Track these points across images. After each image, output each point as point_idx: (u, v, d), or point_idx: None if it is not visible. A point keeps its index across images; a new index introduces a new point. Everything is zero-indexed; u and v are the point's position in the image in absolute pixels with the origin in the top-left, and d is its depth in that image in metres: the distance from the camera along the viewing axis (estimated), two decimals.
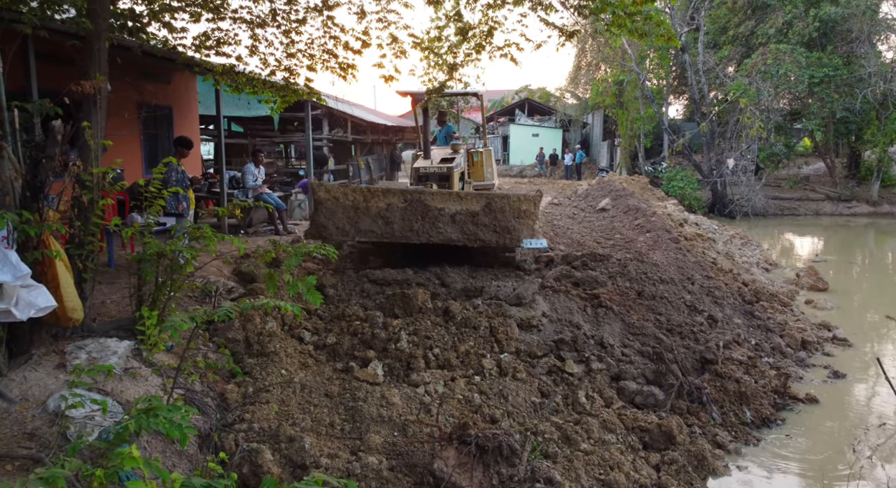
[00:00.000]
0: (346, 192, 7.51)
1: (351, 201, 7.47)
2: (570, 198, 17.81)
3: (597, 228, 12.26)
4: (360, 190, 7.65)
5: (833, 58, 23.41)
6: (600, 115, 34.41)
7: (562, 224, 12.83)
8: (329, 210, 7.40)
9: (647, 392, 5.35)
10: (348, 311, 6.27)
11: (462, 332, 5.74)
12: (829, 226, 22.47)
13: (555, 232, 11.73)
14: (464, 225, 7.50)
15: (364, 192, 7.55)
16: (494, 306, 6.19)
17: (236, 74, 8.04)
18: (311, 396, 4.88)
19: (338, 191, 7.47)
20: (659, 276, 7.52)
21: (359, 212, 7.46)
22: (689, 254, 9.66)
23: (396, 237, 7.55)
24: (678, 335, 6.42)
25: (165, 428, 2.50)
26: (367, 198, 7.46)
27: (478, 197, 7.75)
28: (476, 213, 7.51)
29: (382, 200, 7.45)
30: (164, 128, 13.11)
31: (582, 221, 13.42)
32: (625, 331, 6.25)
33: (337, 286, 7.43)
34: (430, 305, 6.10)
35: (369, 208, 7.47)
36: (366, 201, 7.46)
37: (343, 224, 7.45)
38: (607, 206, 14.52)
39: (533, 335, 5.92)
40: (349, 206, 7.49)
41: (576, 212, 14.90)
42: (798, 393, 6.13)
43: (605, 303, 6.50)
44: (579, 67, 35.56)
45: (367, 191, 7.60)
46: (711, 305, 7.45)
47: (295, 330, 6.14)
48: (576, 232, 11.77)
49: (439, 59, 8.59)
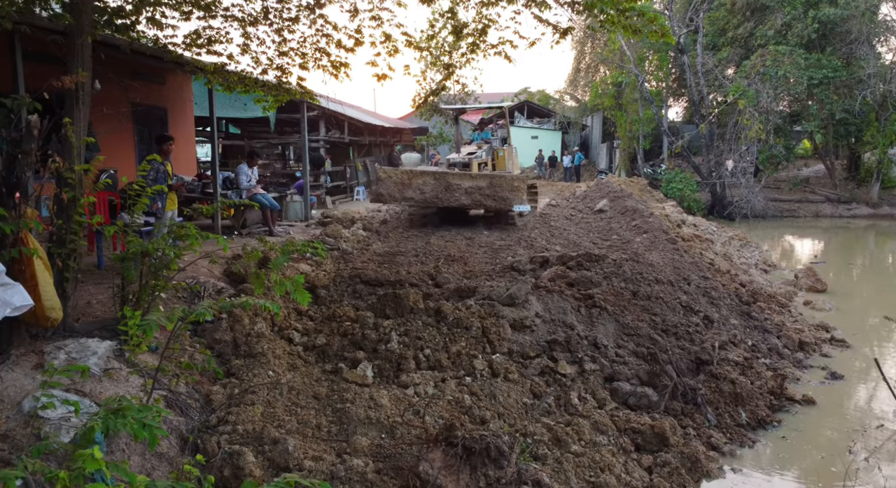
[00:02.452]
0: (397, 172, 12.02)
1: (399, 178, 11.69)
2: (569, 200, 17.74)
3: (594, 229, 12.17)
4: (406, 171, 12.14)
5: (832, 59, 23.34)
6: (599, 117, 34.38)
7: (559, 225, 12.75)
8: (385, 184, 11.63)
9: (640, 393, 5.25)
10: (339, 312, 6.19)
11: (454, 333, 5.66)
12: (829, 227, 22.38)
13: (551, 233, 11.66)
14: (473, 195, 11.52)
15: (408, 173, 11.95)
16: (487, 306, 6.10)
17: (227, 73, 7.97)
18: (298, 398, 4.79)
19: (391, 172, 12.00)
20: (655, 277, 7.43)
21: (404, 186, 11.63)
22: (686, 255, 9.58)
23: (428, 203, 11.83)
24: (673, 336, 6.33)
25: (133, 429, 2.41)
26: (410, 176, 11.74)
27: (484, 176, 11.92)
28: (482, 187, 11.51)
29: (420, 178, 11.67)
30: (159, 129, 13.04)
31: (579, 223, 13.34)
32: (619, 331, 6.16)
33: (329, 287, 7.36)
34: (421, 306, 6.01)
35: (411, 183, 11.66)
36: (409, 179, 11.68)
37: (393, 192, 11.63)
38: (605, 208, 14.44)
39: (526, 335, 5.83)
40: (398, 182, 11.68)
41: (573, 213, 14.82)
42: (795, 395, 6.03)
43: (600, 303, 6.41)
44: (578, 69, 35.55)
45: (410, 172, 12.02)
46: (708, 306, 7.36)
47: (284, 331, 6.06)
48: (572, 233, 11.69)
49: (435, 59, 8.54)
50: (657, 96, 27.37)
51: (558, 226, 12.60)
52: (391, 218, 14.05)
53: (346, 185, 19.12)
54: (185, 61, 8.01)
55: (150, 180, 7.14)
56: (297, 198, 13.65)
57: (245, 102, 14.94)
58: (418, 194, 11.66)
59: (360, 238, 11.09)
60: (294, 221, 13.26)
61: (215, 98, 15.21)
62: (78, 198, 4.50)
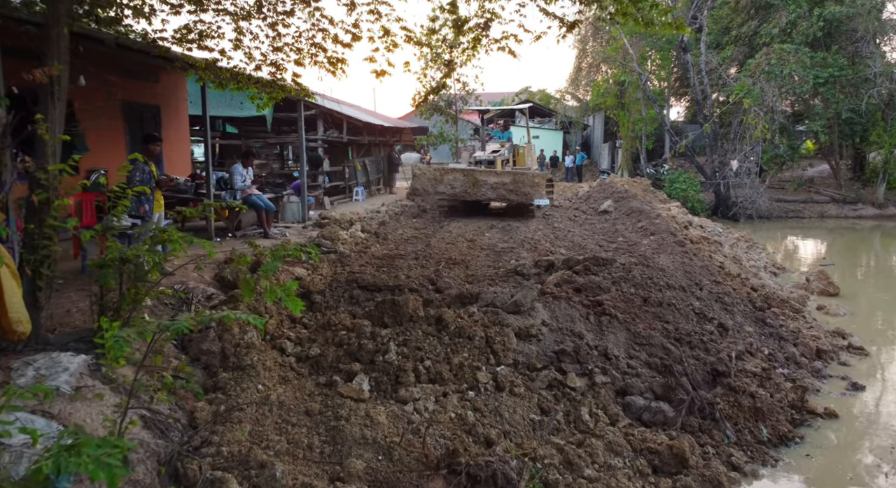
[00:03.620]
0: (430, 170, 13.91)
1: (432, 175, 13.54)
2: (571, 201, 17.41)
3: (599, 231, 11.84)
4: (438, 168, 14.06)
5: (838, 58, 23.02)
6: (601, 117, 34.04)
7: (562, 227, 12.42)
8: (420, 180, 13.47)
9: (655, 408, 4.93)
10: (334, 320, 5.86)
11: (456, 343, 5.33)
12: (835, 228, 22.06)
13: (555, 234, 11.33)
14: (498, 189, 13.22)
15: (440, 170, 13.85)
16: (491, 314, 5.77)
17: (219, 70, 7.65)
18: (288, 414, 4.47)
19: (425, 169, 14.04)
20: (665, 282, 7.10)
21: (437, 181, 13.40)
22: (696, 258, 9.25)
23: (458, 196, 13.58)
24: (687, 345, 6.00)
25: (88, 469, 2.09)
26: (442, 173, 13.58)
27: (508, 173, 13.68)
28: (506, 183, 13.20)
29: (451, 175, 13.48)
30: (152, 128, 12.71)
31: (583, 224, 13.01)
32: (630, 340, 5.84)
33: (325, 292, 7.03)
34: (421, 313, 5.69)
35: (443, 179, 13.43)
36: (441, 175, 13.51)
37: (427, 187, 13.40)
38: (609, 209, 14.11)
39: (532, 345, 5.50)
40: (431, 178, 13.48)
41: (577, 214, 14.49)
42: (816, 408, 5.70)
43: (609, 310, 6.08)
44: (580, 68, 35.23)
45: (441, 169, 13.92)
46: (721, 312, 7.03)
47: (277, 340, 5.73)
48: (577, 235, 11.36)
49: (435, 56, 8.22)
50: (659, 96, 27.06)
51: (562, 227, 12.27)
52: (390, 219, 13.72)
53: (345, 186, 18.77)
54: (175, 57, 7.68)
55: (135, 181, 6.83)
56: (294, 199, 13.32)
57: (241, 101, 14.62)
58: (449, 189, 13.33)
59: (359, 240, 10.76)
60: (291, 223, 12.94)
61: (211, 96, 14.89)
62: (52, 200, 4.17)
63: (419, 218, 14.64)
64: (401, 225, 12.92)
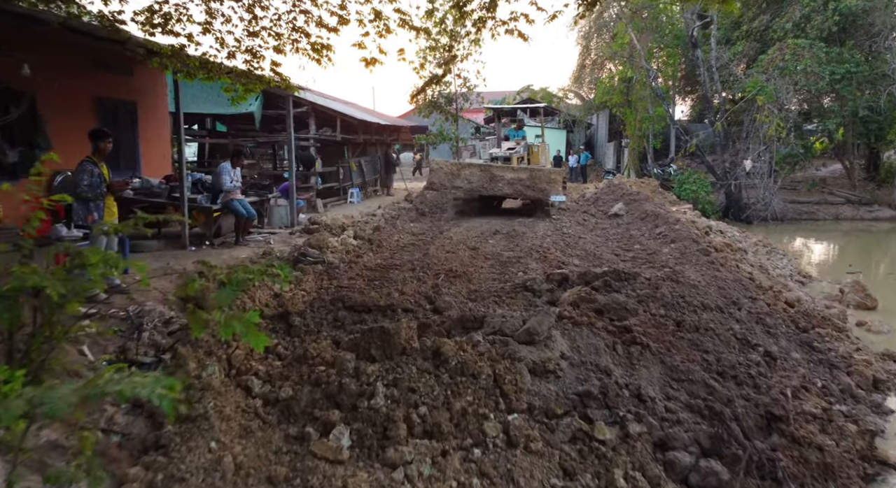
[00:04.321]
0: (447, 164, 13.75)
1: (449, 169, 13.44)
2: (578, 203, 16.46)
3: (612, 237, 10.89)
4: (455, 163, 13.82)
5: (854, 53, 22.08)
6: (605, 116, 33.08)
7: (572, 232, 11.47)
8: (437, 174, 13.30)
9: (705, 469, 3.97)
10: (312, 351, 4.92)
11: (457, 383, 4.38)
12: (850, 231, 21.14)
13: (565, 241, 10.38)
14: (514, 185, 13.00)
15: (457, 165, 13.66)
16: (499, 344, 4.83)
17: (187, 57, 6.70)
18: (247, 482, 3.53)
19: (442, 163, 13.83)
20: (700, 301, 6.15)
21: (453, 176, 13.20)
22: (724, 270, 8.30)
23: (474, 191, 13.20)
24: (733, 380, 5.05)
25: None
26: (459, 168, 13.47)
27: (525, 169, 13.61)
28: (523, 179, 13.04)
29: (467, 169, 13.39)
30: (128, 125, 11.76)
31: (594, 229, 12.06)
32: (666, 376, 4.89)
33: (305, 313, 6.08)
34: (416, 345, 4.73)
35: (460, 174, 13.31)
36: (458, 170, 13.41)
37: (444, 181, 13.20)
38: (621, 212, 13.16)
39: (550, 384, 4.56)
40: (448, 172, 13.37)
41: (586, 218, 13.53)
42: (888, 457, 4.75)
43: (640, 338, 5.13)
44: (583, 66, 34.30)
45: (458, 164, 13.76)
46: (765, 337, 6.08)
47: (243, 376, 4.79)
48: (589, 242, 10.41)
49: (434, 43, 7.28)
50: (666, 93, 26.10)
51: (572, 233, 11.32)
52: (386, 223, 12.78)
53: (339, 187, 17.80)
54: (137, 43, 6.74)
55: (83, 186, 5.89)
56: (282, 203, 12.39)
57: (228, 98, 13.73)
58: (465, 184, 13.21)
59: (350, 248, 9.81)
60: (278, 228, 12.00)
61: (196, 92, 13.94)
62: None
63: (418, 222, 13.70)
64: (397, 230, 11.97)
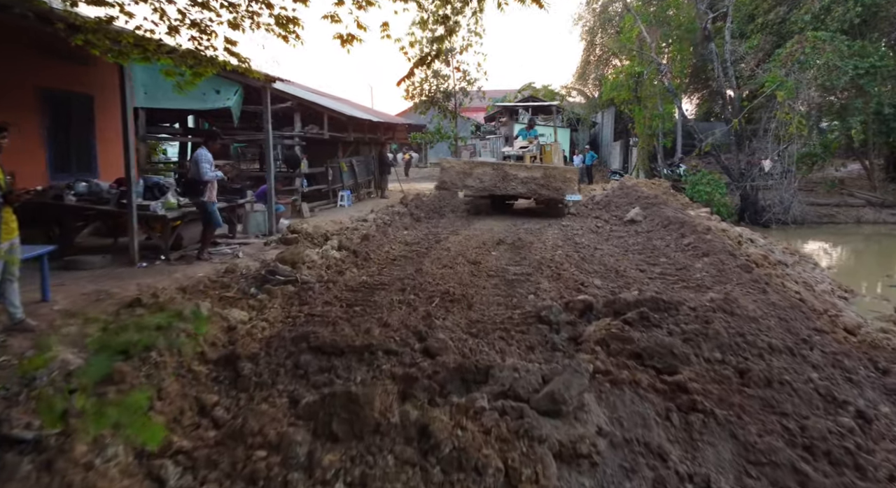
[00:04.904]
0: (459, 163, 13.52)
1: (461, 168, 13.19)
2: (588, 206, 15.14)
3: (633, 248, 9.56)
4: (467, 162, 13.58)
5: (878, 46, 20.78)
6: (611, 114, 31.73)
7: (586, 241, 10.14)
8: (448, 173, 13.07)
9: None
10: (254, 423, 3.58)
11: (453, 482, 3.05)
12: (873, 234, 19.83)
13: (579, 253, 9.05)
14: (528, 184, 12.63)
15: (469, 163, 13.37)
16: (512, 416, 3.50)
17: (117, 33, 5.37)
18: None
19: (454, 162, 13.45)
20: (765, 341, 4.83)
21: (465, 175, 12.97)
22: (771, 291, 6.98)
23: (486, 190, 12.96)
24: (826, 458, 3.73)
25: None
26: (471, 167, 13.23)
27: (539, 167, 13.19)
28: (537, 178, 12.71)
29: (480, 168, 13.13)
30: (83, 122, 10.43)
31: (609, 238, 10.73)
32: (741, 457, 3.57)
33: (258, 357, 4.75)
34: (394, 418, 3.40)
35: (472, 172, 13.01)
36: (470, 169, 13.17)
37: (455, 181, 12.99)
38: (637, 218, 11.83)
39: (584, 477, 3.23)
40: (460, 171, 13.12)
41: (599, 224, 12.20)
42: None
43: (700, 402, 3.81)
44: (587, 62, 32.96)
45: (470, 162, 13.48)
46: (848, 387, 4.75)
47: (156, 460, 3.46)
48: (606, 253, 9.08)
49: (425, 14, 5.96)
50: (678, 88, 24.76)
51: (586, 242, 9.99)
52: (377, 230, 11.47)
53: (328, 189, 16.47)
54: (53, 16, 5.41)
55: None
56: (259, 208, 11.06)
57: (203, 91, 12.38)
58: (478, 183, 12.96)
59: (332, 262, 8.48)
60: (254, 236, 10.66)
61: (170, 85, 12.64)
62: None
63: (413, 228, 12.37)
64: (388, 239, 10.65)
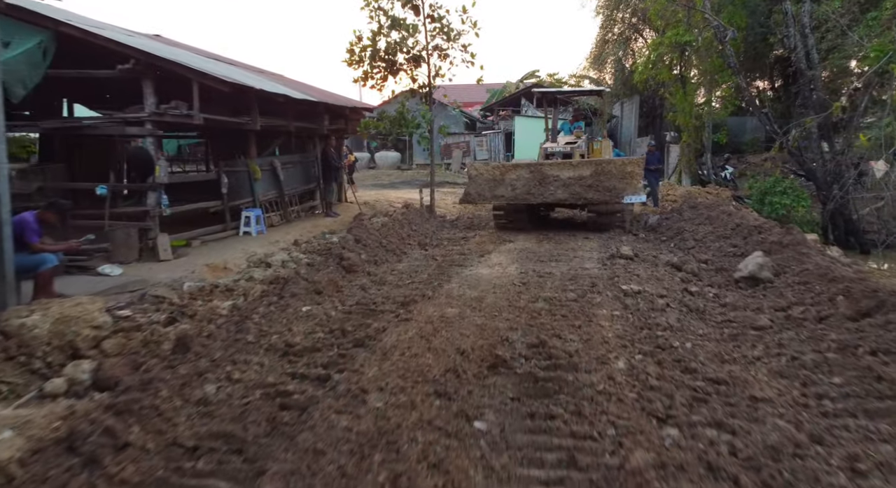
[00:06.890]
0: (489, 169, 11.57)
1: (491, 175, 11.30)
2: (639, 236, 9.50)
3: (812, 378, 3.88)
4: (499, 166, 11.69)
5: None
6: (634, 104, 26.01)
7: (682, 347, 4.50)
8: (476, 182, 11.20)
9: None
10: None
11: None
12: None
13: (693, 394, 3.45)
14: (571, 187, 10.51)
15: (501, 168, 11.51)
16: None
17: None
18: None
19: (482, 168, 11.58)
20: None
21: (496, 183, 11.08)
22: None
23: (518, 200, 10.88)
24: None
25: None
26: (504, 171, 11.29)
27: (589, 164, 11.11)
28: (585, 177, 10.61)
29: (514, 173, 11.18)
30: None
31: (704, 316, 5.12)
32: None
33: None
34: None
35: (504, 178, 11.13)
36: (502, 174, 11.23)
37: (484, 191, 11.06)
38: (762, 274, 6.17)
39: None
40: (490, 179, 11.26)
41: (684, 279, 6.54)
42: None
43: None
44: (605, 41, 27.22)
45: (503, 166, 11.59)
46: None
47: None
48: (726, 371, 3.44)
49: None
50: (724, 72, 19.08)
51: (686, 354, 4.34)
52: (278, 289, 5.93)
53: (223, 207, 10.75)
54: None
55: None
56: None
57: None
58: (509, 191, 10.80)
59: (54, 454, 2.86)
60: None
61: None
62: None
63: (354, 272, 6.85)
64: (277, 324, 5.07)
